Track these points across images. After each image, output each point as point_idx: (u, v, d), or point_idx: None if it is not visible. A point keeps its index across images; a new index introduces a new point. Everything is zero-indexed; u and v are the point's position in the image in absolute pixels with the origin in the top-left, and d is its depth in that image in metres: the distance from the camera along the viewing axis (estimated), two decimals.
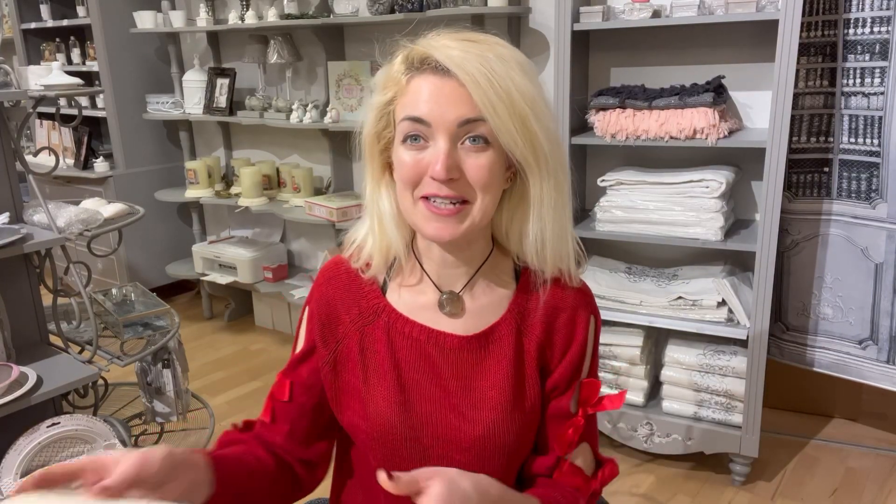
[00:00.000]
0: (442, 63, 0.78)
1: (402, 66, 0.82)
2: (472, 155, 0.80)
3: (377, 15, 2.66)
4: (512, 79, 0.78)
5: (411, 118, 0.80)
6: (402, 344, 0.90)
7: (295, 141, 3.41)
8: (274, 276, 3.33)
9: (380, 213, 0.90)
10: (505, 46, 0.82)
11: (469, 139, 0.80)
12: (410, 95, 0.81)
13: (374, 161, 0.88)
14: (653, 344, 2.31)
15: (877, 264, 2.11)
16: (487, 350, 0.90)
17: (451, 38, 0.80)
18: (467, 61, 0.77)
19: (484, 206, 0.82)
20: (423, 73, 0.80)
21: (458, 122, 0.78)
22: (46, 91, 1.92)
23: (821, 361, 2.30)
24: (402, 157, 0.82)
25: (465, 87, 0.77)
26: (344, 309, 0.93)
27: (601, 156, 2.43)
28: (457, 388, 0.89)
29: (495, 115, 0.77)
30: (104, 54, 3.50)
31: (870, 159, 2.06)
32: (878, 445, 2.38)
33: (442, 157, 0.78)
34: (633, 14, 2.09)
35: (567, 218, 0.90)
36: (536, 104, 0.80)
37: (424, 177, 0.80)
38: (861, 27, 2.00)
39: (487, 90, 0.77)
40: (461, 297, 0.91)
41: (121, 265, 3.67)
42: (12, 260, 1.86)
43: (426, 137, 0.80)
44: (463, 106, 0.78)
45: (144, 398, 2.09)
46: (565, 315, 0.91)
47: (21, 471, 1.55)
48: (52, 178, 3.34)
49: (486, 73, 0.77)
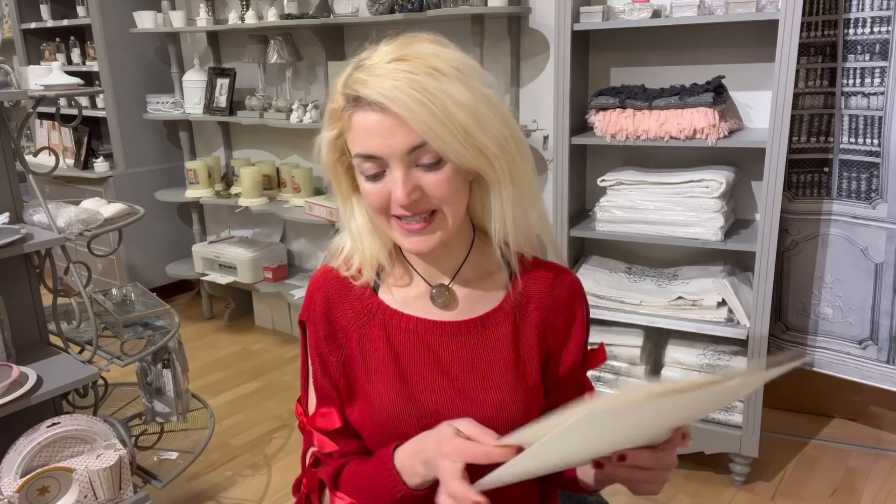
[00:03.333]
0: (375, 100, 0.78)
1: (341, 99, 0.83)
2: (428, 174, 0.82)
3: (377, 15, 2.66)
4: (448, 94, 0.78)
5: (362, 156, 0.82)
6: (401, 338, 0.92)
7: (295, 141, 3.41)
8: (274, 276, 3.33)
9: (356, 228, 0.93)
10: (437, 55, 0.80)
11: (422, 160, 0.81)
12: (355, 132, 0.82)
13: (339, 182, 0.91)
14: (653, 344, 2.31)
15: (877, 264, 2.11)
16: (485, 334, 0.93)
17: (385, 63, 0.79)
18: (399, 90, 0.77)
19: (453, 213, 0.85)
20: (362, 108, 0.80)
21: (407, 150, 0.80)
22: (46, 91, 1.92)
23: (821, 361, 2.29)
24: (365, 187, 0.84)
25: (401, 117, 0.78)
26: (339, 314, 0.94)
27: (601, 156, 2.43)
28: (460, 371, 0.91)
29: (437, 138, 0.78)
30: (104, 54, 3.50)
31: (870, 159, 2.06)
32: (878, 445, 2.38)
33: (400, 185, 0.80)
34: (633, 14, 2.09)
35: (536, 200, 0.91)
36: (478, 111, 0.80)
37: (390, 201, 0.83)
38: (861, 27, 2.00)
39: (425, 117, 0.77)
40: (451, 288, 0.94)
41: (121, 265, 3.67)
42: (12, 260, 1.86)
43: (381, 167, 0.82)
44: (407, 135, 0.79)
45: (144, 398, 2.09)
46: (563, 300, 0.96)
47: (21, 471, 1.55)
48: (52, 178, 3.33)
49: (420, 98, 0.77)
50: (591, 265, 2.38)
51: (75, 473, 1.57)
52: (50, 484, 1.56)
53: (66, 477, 1.57)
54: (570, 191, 2.25)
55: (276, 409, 2.76)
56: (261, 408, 2.78)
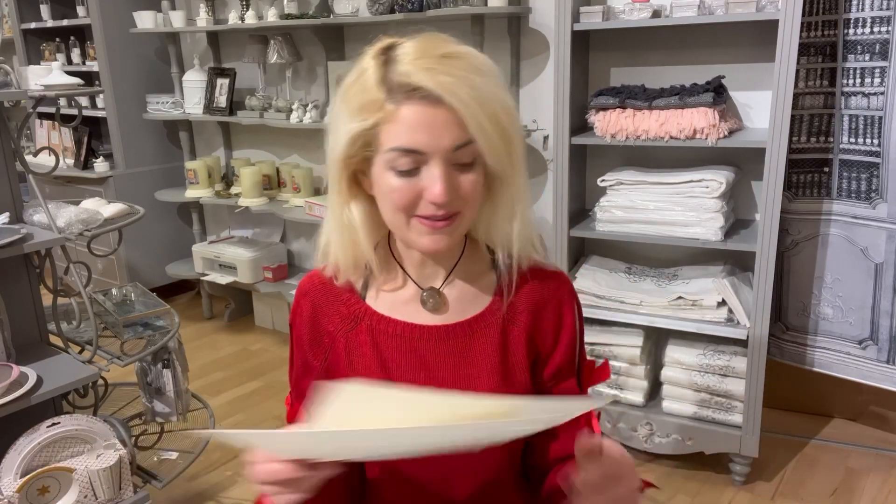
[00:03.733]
0: (434, 92, 0.76)
1: (381, 91, 0.79)
2: (461, 174, 0.81)
3: (377, 15, 2.66)
4: (496, 96, 0.79)
5: (405, 150, 0.79)
6: (388, 344, 0.92)
7: (295, 141, 3.41)
8: (274, 276, 3.33)
9: (351, 226, 0.89)
10: (478, 57, 0.81)
11: (460, 160, 0.81)
12: (400, 124, 0.78)
13: (341, 179, 0.87)
14: (653, 344, 2.31)
15: (877, 264, 2.11)
16: (473, 338, 0.92)
17: (430, 58, 0.78)
18: (457, 86, 0.76)
19: (471, 215, 0.85)
20: (412, 101, 0.78)
21: (453, 147, 0.79)
22: (46, 91, 1.92)
23: (821, 361, 2.30)
24: (393, 183, 0.81)
25: (458, 112, 0.77)
26: (326, 319, 0.94)
27: (601, 156, 2.43)
28: (447, 377, 0.91)
29: (485, 137, 0.79)
30: (104, 54, 3.50)
31: (870, 159, 2.06)
32: (878, 445, 2.38)
33: (441, 184, 0.79)
34: (633, 14, 2.09)
35: (529, 210, 0.92)
36: (513, 115, 0.82)
37: (419, 200, 0.81)
38: (861, 27, 2.00)
39: (479, 115, 0.77)
40: (442, 292, 0.93)
41: (121, 265, 3.67)
42: (12, 260, 1.85)
43: (418, 163, 0.80)
44: (456, 131, 0.78)
45: (144, 398, 2.09)
46: (551, 302, 0.95)
47: (21, 471, 1.55)
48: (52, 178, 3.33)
49: (475, 96, 0.77)
50: (591, 265, 2.38)
51: (75, 473, 1.57)
52: (50, 484, 1.56)
53: (66, 477, 1.57)
54: (570, 191, 2.25)
55: (276, 409, 2.76)
56: (261, 408, 2.78)
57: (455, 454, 0.88)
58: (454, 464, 0.90)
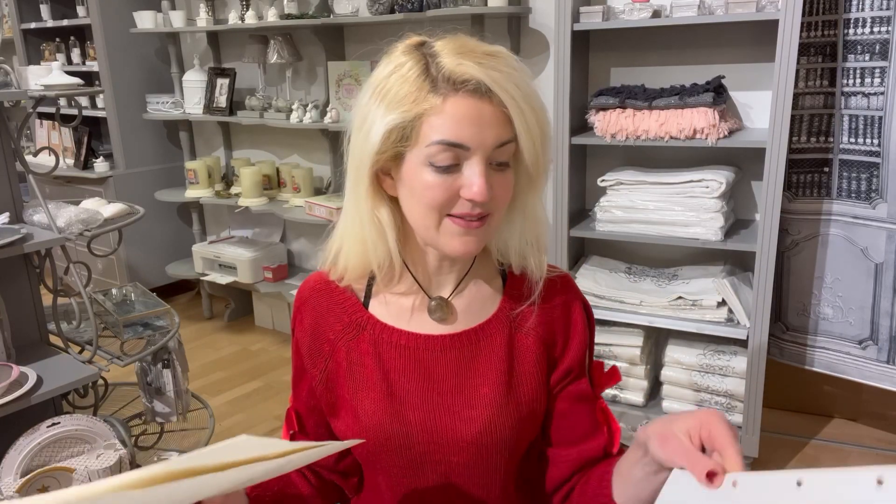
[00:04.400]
0: (486, 85, 0.75)
1: (426, 82, 0.77)
2: (499, 174, 0.79)
3: (377, 15, 2.66)
4: (537, 96, 0.79)
5: (450, 143, 0.76)
6: (392, 354, 0.89)
7: (295, 141, 3.41)
8: (274, 276, 3.33)
9: (372, 228, 0.85)
10: (514, 58, 0.80)
11: (499, 159, 0.79)
12: (447, 116, 0.76)
13: (367, 177, 0.82)
14: (653, 344, 2.31)
15: (877, 264, 2.11)
16: (479, 347, 0.89)
17: (475, 53, 0.77)
18: (505, 81, 0.75)
19: (500, 218, 0.84)
20: (460, 93, 0.76)
21: (497, 144, 0.77)
22: (46, 91, 1.92)
23: (821, 361, 2.29)
24: (430, 179, 0.78)
25: (505, 108, 0.76)
26: (327, 326, 0.92)
27: (601, 156, 2.43)
28: (450, 387, 0.89)
29: (528, 136, 0.77)
30: (104, 54, 3.50)
31: (870, 159, 2.06)
32: (878, 445, 2.38)
33: (481, 181, 0.76)
34: (633, 14, 2.09)
35: (543, 222, 0.91)
36: (549, 117, 0.81)
37: (456, 198, 0.79)
38: (861, 27, 2.00)
39: (526, 112, 0.76)
40: (450, 301, 0.91)
41: (121, 265, 3.67)
42: (12, 260, 1.86)
43: (458, 159, 0.77)
44: (501, 128, 0.77)
45: (144, 398, 2.09)
46: (559, 308, 0.92)
47: (21, 471, 1.55)
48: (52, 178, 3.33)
49: (521, 94, 0.76)
50: (591, 265, 2.38)
51: (75, 473, 1.57)
52: (50, 484, 1.56)
53: (66, 477, 1.57)
54: (570, 191, 2.25)
55: (276, 409, 2.76)
56: (261, 408, 2.78)
57: (457, 466, 0.88)
58: (453, 478, 0.90)
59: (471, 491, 0.91)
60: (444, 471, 0.89)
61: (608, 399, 2.30)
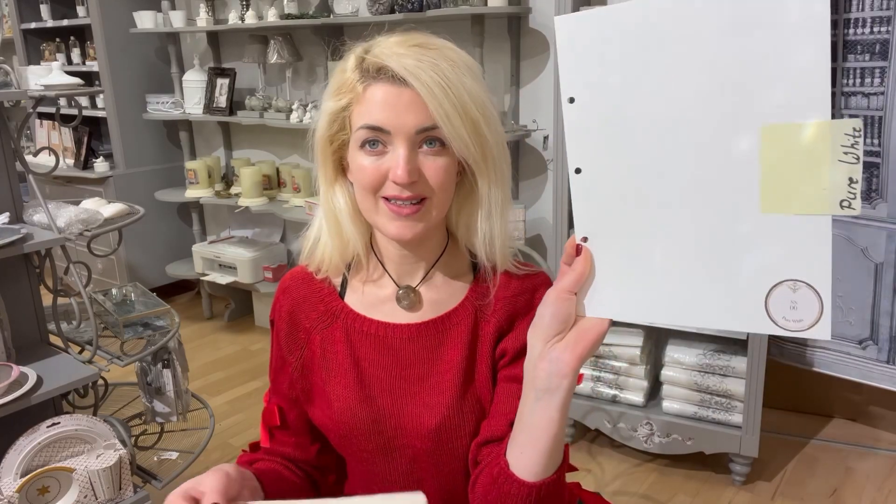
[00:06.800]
0: (397, 73, 0.79)
1: (355, 72, 0.84)
2: (429, 158, 0.83)
3: (377, 15, 2.66)
4: (464, 85, 0.80)
5: (370, 126, 0.82)
6: (362, 342, 0.93)
7: (295, 141, 3.41)
8: (274, 276, 3.33)
9: (336, 212, 0.91)
10: (454, 50, 0.83)
11: (426, 143, 0.82)
12: (367, 104, 0.82)
13: (326, 163, 0.90)
14: (653, 344, 2.31)
15: (877, 264, 2.11)
16: (445, 335, 0.92)
17: (404, 46, 0.81)
18: (422, 70, 0.79)
19: (440, 204, 0.86)
20: (379, 81, 0.81)
21: (416, 130, 0.81)
22: (46, 91, 1.92)
23: (821, 361, 2.30)
24: (361, 161, 0.83)
25: (421, 95, 0.79)
26: (304, 315, 0.96)
27: None
28: (417, 375, 0.91)
29: (449, 123, 0.80)
30: (104, 54, 3.50)
31: (870, 159, 2.06)
32: (878, 445, 2.38)
33: (402, 164, 0.81)
34: None
35: (509, 214, 0.92)
36: (486, 109, 0.83)
37: (385, 180, 0.83)
38: (861, 27, 2.00)
39: (442, 100, 0.79)
40: (418, 290, 0.93)
41: (121, 265, 3.67)
42: (12, 260, 1.85)
43: (385, 143, 0.82)
44: (420, 114, 0.80)
45: (144, 398, 2.09)
46: (524, 295, 0.92)
47: (21, 471, 1.55)
48: (52, 178, 3.34)
49: (441, 81, 0.79)
50: None
51: (75, 473, 1.57)
52: (50, 484, 1.56)
53: (66, 477, 1.57)
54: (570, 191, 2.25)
55: None
56: (260, 408, 2.77)
57: (421, 452, 0.90)
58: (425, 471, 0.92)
59: (438, 476, 0.92)
60: (411, 456, 0.92)
61: (608, 399, 2.30)
